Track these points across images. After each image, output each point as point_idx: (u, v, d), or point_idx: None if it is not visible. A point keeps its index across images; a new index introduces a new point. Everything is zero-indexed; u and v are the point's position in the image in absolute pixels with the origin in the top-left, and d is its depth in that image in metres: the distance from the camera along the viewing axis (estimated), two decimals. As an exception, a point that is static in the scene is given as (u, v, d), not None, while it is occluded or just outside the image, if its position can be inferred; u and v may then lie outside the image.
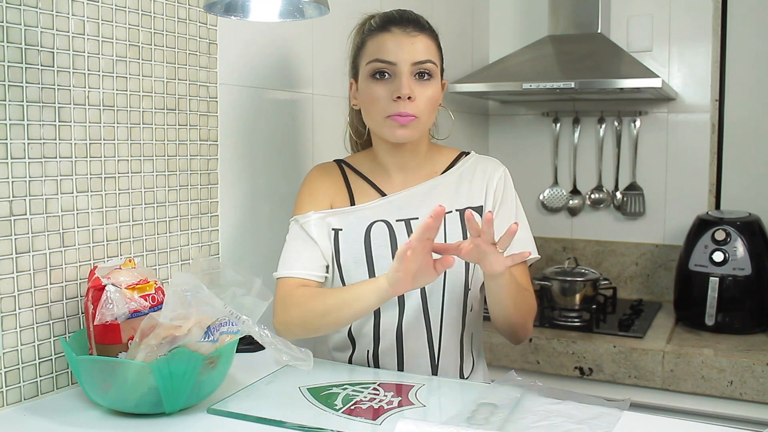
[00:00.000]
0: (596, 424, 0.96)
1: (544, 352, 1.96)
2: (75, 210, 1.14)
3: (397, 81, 1.24)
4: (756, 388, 1.75)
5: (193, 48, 1.36)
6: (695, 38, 2.36)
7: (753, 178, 2.30)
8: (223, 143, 1.44)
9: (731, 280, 2.00)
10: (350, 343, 1.33)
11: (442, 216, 1.06)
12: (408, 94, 1.22)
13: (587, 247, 2.56)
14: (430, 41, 1.28)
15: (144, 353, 0.97)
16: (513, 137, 2.68)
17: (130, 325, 1.05)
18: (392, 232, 1.28)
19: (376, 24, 1.29)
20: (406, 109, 1.23)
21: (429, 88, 1.26)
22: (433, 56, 1.27)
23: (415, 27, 1.26)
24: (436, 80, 1.28)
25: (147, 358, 0.96)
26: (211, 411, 1.02)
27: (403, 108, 1.23)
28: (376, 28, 1.28)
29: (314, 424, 0.97)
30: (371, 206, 1.31)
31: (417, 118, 1.24)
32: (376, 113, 1.26)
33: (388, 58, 1.24)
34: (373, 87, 1.26)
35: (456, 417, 0.99)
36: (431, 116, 1.29)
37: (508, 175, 1.36)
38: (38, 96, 1.08)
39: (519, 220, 1.32)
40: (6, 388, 1.05)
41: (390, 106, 1.24)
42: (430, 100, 1.26)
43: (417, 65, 1.24)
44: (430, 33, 1.29)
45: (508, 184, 1.35)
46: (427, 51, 1.26)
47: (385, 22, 1.27)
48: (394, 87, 1.24)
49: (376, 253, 1.27)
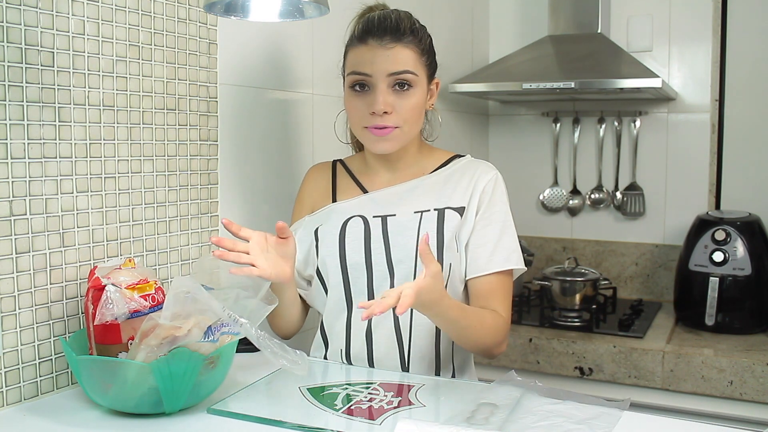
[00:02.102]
0: (596, 424, 0.96)
1: (544, 352, 1.96)
2: (75, 210, 1.14)
3: (373, 94, 1.24)
4: (756, 388, 1.75)
5: (193, 48, 1.36)
6: (695, 38, 2.36)
7: (753, 178, 2.30)
8: (223, 143, 1.44)
9: (731, 280, 2.00)
10: (323, 342, 1.34)
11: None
12: (383, 110, 1.23)
13: (587, 247, 2.56)
14: (409, 50, 1.25)
15: (144, 353, 0.97)
16: (513, 137, 2.68)
17: (130, 325, 1.05)
18: (367, 227, 1.29)
19: (357, 32, 1.28)
20: (383, 122, 1.24)
21: (410, 98, 1.25)
22: (413, 65, 1.25)
23: (393, 37, 1.24)
24: (417, 88, 1.26)
25: (147, 358, 0.96)
26: (211, 411, 1.02)
27: (380, 121, 1.24)
28: (356, 38, 1.28)
29: (314, 424, 0.97)
30: (351, 202, 1.34)
31: (397, 128, 1.25)
32: (355, 123, 1.29)
33: (364, 70, 1.25)
34: (352, 98, 1.28)
35: (456, 417, 0.99)
36: (416, 124, 1.29)
37: (500, 181, 1.33)
38: (38, 96, 1.08)
39: (506, 229, 1.29)
40: (6, 388, 1.05)
41: (367, 118, 1.26)
42: (412, 110, 1.26)
43: (393, 76, 1.24)
44: (411, 40, 1.25)
45: (498, 189, 1.31)
46: (404, 61, 1.24)
47: (363, 32, 1.26)
48: (370, 100, 1.25)
49: (349, 247, 1.29)
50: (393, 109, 1.24)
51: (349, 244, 1.29)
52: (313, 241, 1.32)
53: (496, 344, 1.26)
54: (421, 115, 1.29)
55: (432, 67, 1.31)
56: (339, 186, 1.38)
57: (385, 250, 1.27)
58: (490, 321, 1.24)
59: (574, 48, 2.28)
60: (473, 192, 1.30)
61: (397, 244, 1.26)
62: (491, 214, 1.29)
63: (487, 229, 1.28)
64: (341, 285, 1.29)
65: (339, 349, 1.31)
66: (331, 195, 1.37)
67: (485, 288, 1.28)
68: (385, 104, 1.23)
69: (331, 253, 1.30)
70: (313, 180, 1.41)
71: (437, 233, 1.25)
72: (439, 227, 1.26)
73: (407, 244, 1.26)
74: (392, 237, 1.27)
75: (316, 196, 1.39)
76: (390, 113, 1.24)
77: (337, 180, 1.39)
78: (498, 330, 1.25)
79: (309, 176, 1.43)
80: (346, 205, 1.33)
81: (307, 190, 1.41)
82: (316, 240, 1.32)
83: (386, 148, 1.27)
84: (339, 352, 1.31)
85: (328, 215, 1.33)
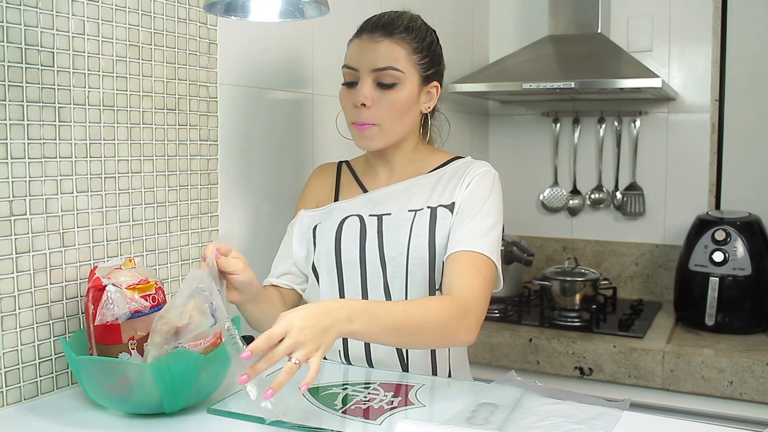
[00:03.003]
0: (596, 424, 0.96)
1: (544, 352, 1.96)
2: (75, 210, 1.14)
3: (357, 88, 1.26)
4: (756, 388, 1.75)
5: (193, 48, 1.36)
6: (695, 38, 2.36)
7: (753, 178, 2.30)
8: (223, 143, 1.44)
9: (731, 280, 2.00)
10: None
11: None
12: (362, 101, 1.24)
13: (587, 247, 2.56)
14: (399, 46, 1.24)
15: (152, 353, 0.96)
16: (513, 137, 2.68)
17: (131, 325, 1.05)
18: (363, 225, 1.29)
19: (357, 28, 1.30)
20: (362, 118, 1.25)
21: (392, 95, 1.25)
22: (399, 62, 1.24)
23: (383, 32, 1.24)
24: (403, 86, 1.25)
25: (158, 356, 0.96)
26: (211, 411, 1.02)
27: (360, 116, 1.25)
28: (355, 33, 1.30)
29: (314, 424, 0.97)
30: (349, 202, 1.34)
31: (375, 125, 1.25)
32: (346, 118, 1.31)
33: (352, 64, 1.27)
34: (343, 93, 1.30)
35: (456, 417, 0.99)
36: (398, 123, 1.27)
37: (489, 175, 1.28)
38: (38, 96, 1.08)
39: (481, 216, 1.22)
40: (6, 388, 1.05)
41: (352, 113, 1.27)
42: (392, 107, 1.25)
43: (377, 72, 1.24)
44: (402, 37, 1.25)
45: (484, 181, 1.26)
46: (388, 57, 1.24)
47: (360, 28, 1.29)
48: (355, 94, 1.26)
49: (344, 246, 1.29)
50: (372, 103, 1.24)
51: (344, 242, 1.29)
52: (311, 238, 1.33)
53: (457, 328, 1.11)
54: (405, 115, 1.27)
55: (428, 67, 1.29)
56: (342, 186, 1.39)
57: (379, 248, 1.27)
58: (434, 309, 1.09)
59: (574, 48, 2.28)
60: (461, 185, 1.27)
61: (390, 242, 1.26)
62: (470, 201, 1.25)
63: (460, 215, 1.24)
64: (336, 283, 1.29)
65: (337, 350, 1.31)
66: (334, 194, 1.39)
67: (448, 269, 1.19)
68: (365, 97, 1.24)
69: (326, 251, 1.30)
70: (319, 178, 1.42)
71: (429, 231, 1.25)
72: (432, 225, 1.25)
73: (400, 241, 1.26)
74: (386, 235, 1.27)
75: (321, 195, 1.40)
76: (368, 107, 1.24)
77: (341, 180, 1.40)
78: (452, 313, 1.10)
79: (315, 174, 1.44)
80: (345, 204, 1.34)
81: (314, 186, 1.42)
82: (314, 237, 1.32)
83: (367, 145, 1.28)
84: (337, 353, 1.31)
85: (329, 213, 1.34)
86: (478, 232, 1.20)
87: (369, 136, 1.26)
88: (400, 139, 1.31)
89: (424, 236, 1.25)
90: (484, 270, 1.18)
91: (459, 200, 1.26)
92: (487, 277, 1.19)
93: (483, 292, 1.17)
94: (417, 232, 1.25)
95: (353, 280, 1.28)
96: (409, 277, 1.25)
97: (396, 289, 1.26)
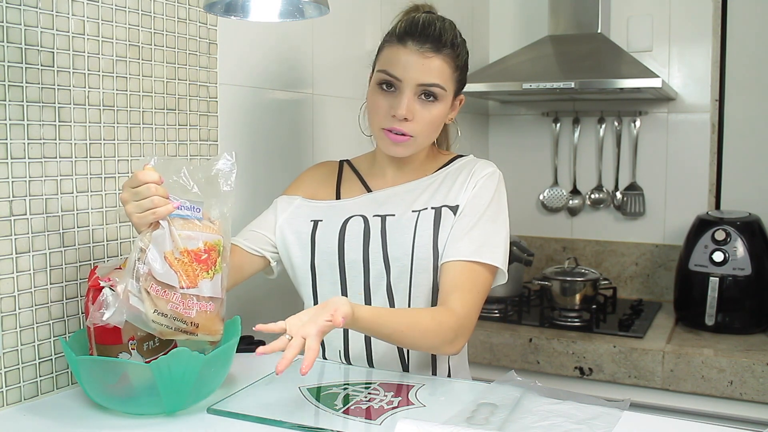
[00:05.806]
0: (596, 424, 0.96)
1: (544, 352, 1.96)
2: (75, 210, 1.14)
3: (399, 98, 1.23)
4: (756, 388, 1.75)
5: (193, 48, 1.36)
6: (695, 38, 2.36)
7: (753, 178, 2.30)
8: (223, 143, 1.44)
9: (731, 280, 2.00)
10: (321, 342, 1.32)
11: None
12: (404, 116, 1.22)
13: (587, 247, 2.56)
14: (445, 63, 1.24)
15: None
16: (513, 137, 2.68)
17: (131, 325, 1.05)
18: (367, 226, 1.29)
19: (399, 30, 1.26)
20: (401, 127, 1.24)
21: (432, 110, 1.25)
22: (444, 79, 1.24)
23: (432, 46, 1.22)
24: (442, 102, 1.25)
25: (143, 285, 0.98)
26: (211, 411, 1.02)
27: (399, 125, 1.23)
28: (396, 36, 1.25)
29: (314, 424, 0.97)
30: (353, 201, 1.33)
31: (412, 137, 1.25)
32: (374, 122, 1.28)
33: (396, 73, 1.23)
34: (377, 96, 1.26)
35: (456, 417, 0.99)
36: (430, 136, 1.29)
37: (494, 177, 1.29)
38: (38, 96, 1.08)
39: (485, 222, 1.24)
40: (6, 388, 1.05)
41: (387, 120, 1.25)
42: (431, 122, 1.25)
43: (423, 87, 1.23)
44: (449, 53, 1.24)
45: (489, 183, 1.28)
46: (438, 74, 1.23)
47: (404, 33, 1.24)
48: (395, 102, 1.24)
49: (347, 246, 1.28)
50: (414, 117, 1.23)
51: (348, 242, 1.29)
52: (310, 231, 1.31)
53: (443, 343, 1.16)
54: (438, 128, 1.29)
55: (461, 83, 1.30)
56: (344, 184, 1.38)
57: (383, 248, 1.27)
58: (427, 322, 1.14)
59: (574, 48, 2.28)
60: (467, 186, 1.28)
61: (394, 242, 1.26)
62: (474, 204, 1.26)
63: (462, 219, 1.25)
64: (338, 284, 1.29)
65: (338, 350, 1.31)
66: (335, 192, 1.37)
67: (447, 278, 1.22)
68: (408, 111, 1.23)
69: (330, 249, 1.29)
70: (320, 171, 1.42)
71: (433, 231, 1.25)
72: (435, 225, 1.25)
73: (404, 242, 1.26)
74: (390, 235, 1.27)
75: (317, 186, 1.38)
76: (410, 120, 1.23)
77: (343, 178, 1.39)
78: (442, 329, 1.15)
79: (315, 166, 1.44)
80: (348, 203, 1.33)
81: (313, 177, 1.40)
82: (313, 236, 1.31)
83: (399, 152, 1.27)
84: (338, 353, 1.31)
85: (329, 210, 1.33)
86: (479, 241, 1.23)
87: (404, 145, 1.26)
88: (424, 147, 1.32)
89: (428, 237, 1.25)
90: (480, 283, 1.22)
91: (463, 203, 1.27)
92: (482, 291, 1.23)
93: (476, 307, 1.22)
94: (421, 233, 1.25)
95: (356, 281, 1.28)
96: (413, 279, 1.25)
97: (400, 291, 1.26)
